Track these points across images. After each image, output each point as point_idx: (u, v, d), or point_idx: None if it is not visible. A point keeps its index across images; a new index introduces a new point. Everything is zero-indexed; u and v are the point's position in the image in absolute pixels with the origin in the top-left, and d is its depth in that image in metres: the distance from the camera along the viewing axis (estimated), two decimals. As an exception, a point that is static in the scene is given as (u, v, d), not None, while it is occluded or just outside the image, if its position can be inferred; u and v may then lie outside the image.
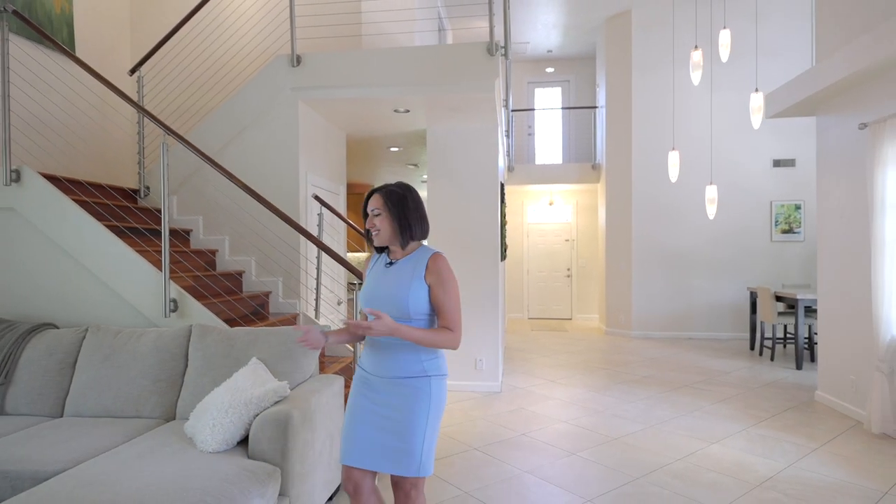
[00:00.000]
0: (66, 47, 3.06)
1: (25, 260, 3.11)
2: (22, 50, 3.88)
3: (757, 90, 4.43)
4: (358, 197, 8.32)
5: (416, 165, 7.30)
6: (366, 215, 1.87)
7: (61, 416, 2.72)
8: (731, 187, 7.46)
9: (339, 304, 4.80)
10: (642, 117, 7.70)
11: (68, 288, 3.09)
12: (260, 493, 1.91)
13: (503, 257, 5.54)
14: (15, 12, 2.92)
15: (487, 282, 4.78)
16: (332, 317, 4.59)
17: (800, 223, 7.39)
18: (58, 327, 3.01)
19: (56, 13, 4.24)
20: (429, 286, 1.80)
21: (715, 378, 5.29)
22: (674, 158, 5.78)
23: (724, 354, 6.44)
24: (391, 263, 1.87)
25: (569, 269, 9.74)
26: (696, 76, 4.22)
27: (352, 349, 1.84)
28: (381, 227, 1.83)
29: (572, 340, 7.55)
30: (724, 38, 3.90)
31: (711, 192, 5.70)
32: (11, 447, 2.22)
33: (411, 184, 2.51)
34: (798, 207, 7.39)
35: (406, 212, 1.84)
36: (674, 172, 5.76)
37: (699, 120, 7.52)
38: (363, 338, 1.93)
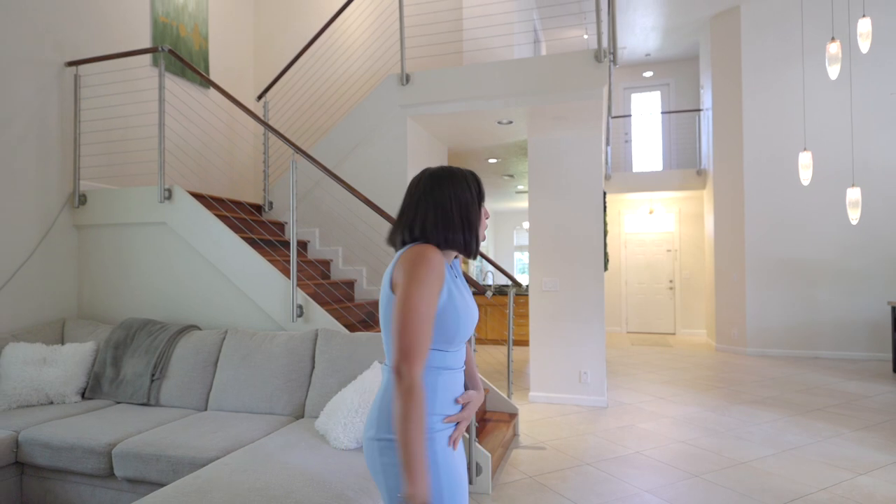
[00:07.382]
0: (214, 82, 3.42)
1: (174, 268, 3.48)
2: (168, 83, 4.40)
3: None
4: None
5: (511, 176, 7.31)
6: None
7: (205, 409, 2.99)
8: (867, 191, 6.72)
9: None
10: (755, 119, 7.17)
11: (209, 293, 3.42)
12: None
13: (606, 267, 5.37)
14: (171, 51, 3.31)
15: (591, 292, 4.65)
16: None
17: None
18: (200, 329, 3.33)
19: (195, 50, 4.76)
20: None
21: (853, 402, 4.74)
22: (805, 159, 5.21)
23: (861, 376, 5.76)
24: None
25: (671, 281, 9.24)
26: (833, 70, 3.83)
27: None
28: None
29: (678, 356, 7.12)
30: (864, 26, 3.52)
31: (854, 194, 5.08)
32: (171, 434, 2.48)
33: (505, 196, 2.26)
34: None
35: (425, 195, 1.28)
36: (806, 175, 5.19)
37: (828, 119, 6.86)
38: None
